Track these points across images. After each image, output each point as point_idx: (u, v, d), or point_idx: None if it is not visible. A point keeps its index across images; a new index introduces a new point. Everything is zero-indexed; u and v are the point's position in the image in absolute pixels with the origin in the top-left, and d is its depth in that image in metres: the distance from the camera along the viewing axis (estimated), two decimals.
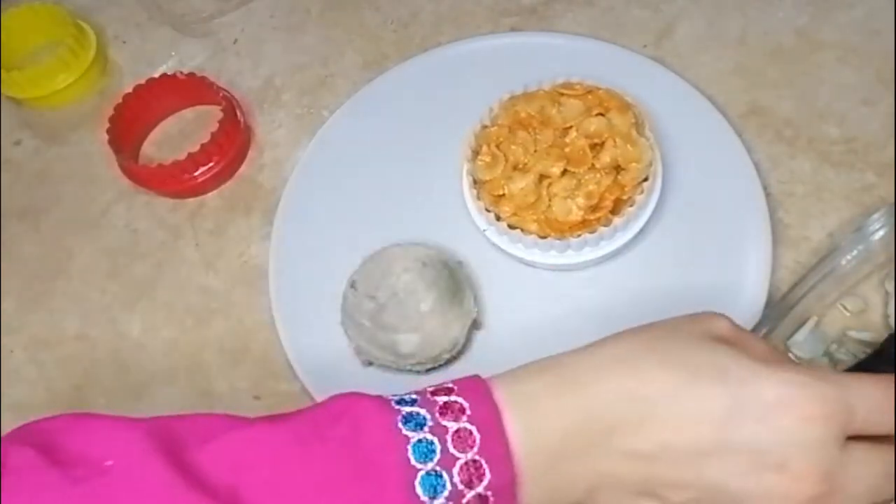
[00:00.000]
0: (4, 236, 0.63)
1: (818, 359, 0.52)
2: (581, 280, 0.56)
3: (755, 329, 0.51)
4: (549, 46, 0.64)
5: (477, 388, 0.37)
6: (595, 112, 0.55)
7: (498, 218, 0.54)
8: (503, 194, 0.54)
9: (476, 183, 0.55)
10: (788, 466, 0.35)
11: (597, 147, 0.54)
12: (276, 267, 0.58)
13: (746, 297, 0.54)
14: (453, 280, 0.53)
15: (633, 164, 0.53)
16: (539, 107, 0.56)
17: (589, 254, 0.54)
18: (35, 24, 0.68)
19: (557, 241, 0.53)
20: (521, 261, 0.56)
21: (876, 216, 0.52)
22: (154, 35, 0.71)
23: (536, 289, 0.56)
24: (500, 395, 0.37)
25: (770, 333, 0.51)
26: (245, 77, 0.68)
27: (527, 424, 0.36)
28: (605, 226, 0.53)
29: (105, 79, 0.69)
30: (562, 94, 0.56)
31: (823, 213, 0.58)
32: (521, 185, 0.54)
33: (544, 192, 0.54)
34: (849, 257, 0.52)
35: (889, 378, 0.37)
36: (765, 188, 0.57)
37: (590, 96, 0.56)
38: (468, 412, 0.36)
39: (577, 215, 0.53)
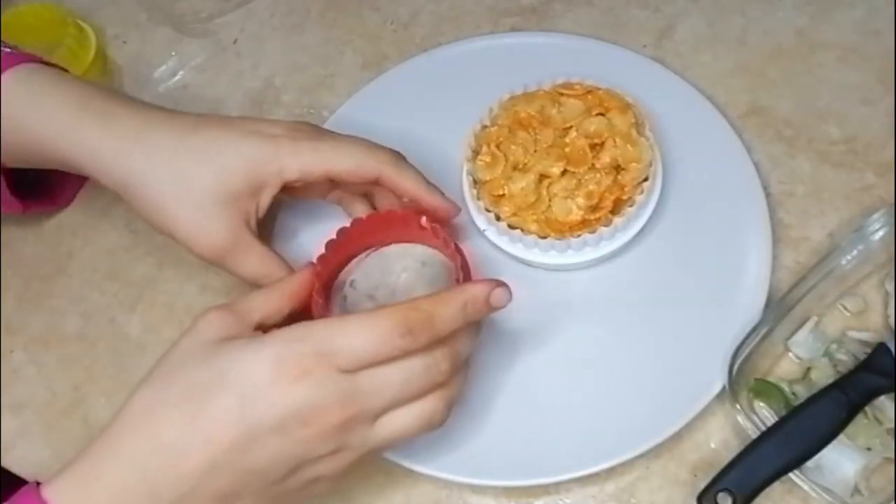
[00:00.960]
0: (4, 236, 0.63)
1: (818, 359, 0.52)
2: (581, 280, 0.56)
3: (755, 329, 0.51)
4: (549, 46, 0.64)
5: (26, 496, 0.40)
6: (595, 112, 0.55)
7: (498, 218, 0.54)
8: (503, 194, 0.54)
9: (476, 183, 0.55)
10: (307, 419, 0.40)
11: (597, 147, 0.54)
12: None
13: (746, 297, 0.54)
14: (453, 280, 0.53)
15: (633, 164, 0.54)
16: (539, 107, 0.56)
17: (589, 254, 0.54)
18: (35, 24, 0.68)
19: (557, 241, 0.53)
20: (521, 261, 0.56)
21: (876, 216, 0.52)
22: (154, 35, 0.71)
23: (536, 289, 0.56)
24: (48, 496, 0.39)
25: (770, 333, 0.51)
26: (245, 77, 0.68)
27: None
28: (605, 226, 0.53)
29: (105, 79, 0.69)
30: (562, 94, 0.56)
31: (823, 213, 0.58)
32: (521, 185, 0.54)
33: (544, 192, 0.54)
34: (849, 257, 0.52)
35: (362, 316, 0.41)
36: (765, 188, 0.57)
37: (590, 96, 0.56)
38: None
39: (577, 215, 0.53)
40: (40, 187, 0.61)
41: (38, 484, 0.40)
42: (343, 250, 0.52)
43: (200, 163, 0.49)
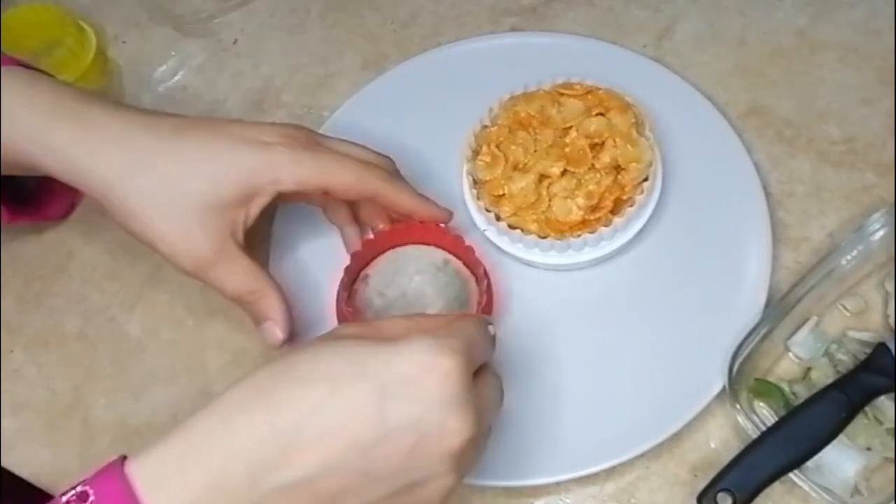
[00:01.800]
0: (4, 236, 0.63)
1: (818, 359, 0.52)
2: (581, 280, 0.56)
3: (755, 329, 0.51)
4: (549, 46, 0.64)
5: (108, 473, 0.36)
6: (595, 112, 0.55)
7: (498, 218, 0.54)
8: (503, 194, 0.54)
9: (476, 183, 0.55)
10: (445, 426, 0.37)
11: (597, 147, 0.54)
12: (275, 267, 0.58)
13: (746, 297, 0.54)
14: (464, 290, 0.53)
15: (633, 164, 0.54)
16: (539, 107, 0.56)
17: (589, 254, 0.54)
18: (35, 24, 0.68)
19: (557, 241, 0.53)
20: (521, 261, 0.56)
21: (876, 216, 0.52)
22: (154, 35, 0.71)
23: (536, 289, 0.56)
24: (132, 473, 0.36)
25: (770, 333, 0.51)
26: (245, 77, 0.68)
27: (157, 499, 0.35)
28: (605, 226, 0.53)
29: (105, 79, 0.69)
30: (562, 94, 0.56)
31: (823, 213, 0.58)
32: (521, 185, 0.54)
33: (544, 192, 0.54)
34: (849, 257, 0.52)
35: (474, 316, 0.44)
36: (765, 188, 0.57)
37: (590, 96, 0.56)
38: (91, 498, 0.35)
39: (577, 215, 0.53)
40: (30, 198, 0.59)
41: (124, 458, 0.37)
42: (376, 247, 0.54)
43: (188, 169, 0.47)
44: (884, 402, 0.49)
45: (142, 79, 0.69)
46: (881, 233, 0.52)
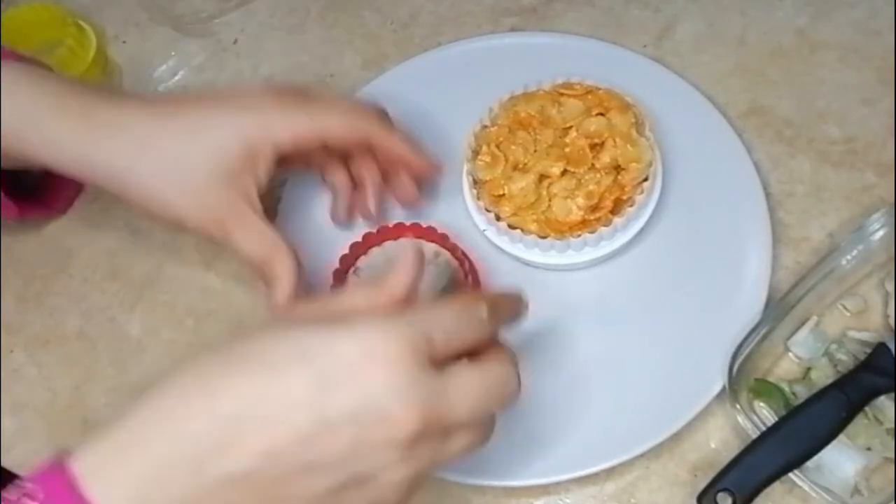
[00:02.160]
0: (4, 236, 0.63)
1: (818, 359, 0.52)
2: (581, 280, 0.56)
3: (755, 329, 0.51)
4: (549, 46, 0.64)
5: (51, 468, 0.36)
6: (595, 112, 0.55)
7: (498, 218, 0.54)
8: (503, 194, 0.54)
9: (476, 183, 0.55)
10: (388, 415, 0.35)
11: (597, 147, 0.54)
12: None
13: (746, 297, 0.54)
14: (454, 284, 0.53)
15: (633, 164, 0.54)
16: (539, 107, 0.56)
17: (589, 254, 0.54)
18: (35, 24, 0.68)
19: (557, 241, 0.53)
20: (521, 261, 0.56)
21: (876, 216, 0.52)
22: (154, 35, 0.71)
23: (536, 289, 0.56)
24: (74, 466, 0.35)
25: (770, 333, 0.51)
26: (245, 77, 0.68)
27: (103, 493, 0.35)
28: (605, 226, 0.53)
29: (105, 79, 0.69)
30: (562, 94, 0.56)
31: (823, 213, 0.58)
32: (521, 185, 0.54)
33: (544, 192, 0.54)
34: (849, 257, 0.52)
35: (458, 300, 0.39)
36: (765, 188, 0.57)
37: (590, 96, 0.56)
38: (40, 496, 0.35)
39: (577, 215, 0.53)
40: (36, 192, 0.60)
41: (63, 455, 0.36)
42: (368, 241, 0.55)
43: (188, 144, 0.48)
44: (884, 402, 0.49)
45: (142, 79, 0.69)
46: (881, 233, 0.52)
